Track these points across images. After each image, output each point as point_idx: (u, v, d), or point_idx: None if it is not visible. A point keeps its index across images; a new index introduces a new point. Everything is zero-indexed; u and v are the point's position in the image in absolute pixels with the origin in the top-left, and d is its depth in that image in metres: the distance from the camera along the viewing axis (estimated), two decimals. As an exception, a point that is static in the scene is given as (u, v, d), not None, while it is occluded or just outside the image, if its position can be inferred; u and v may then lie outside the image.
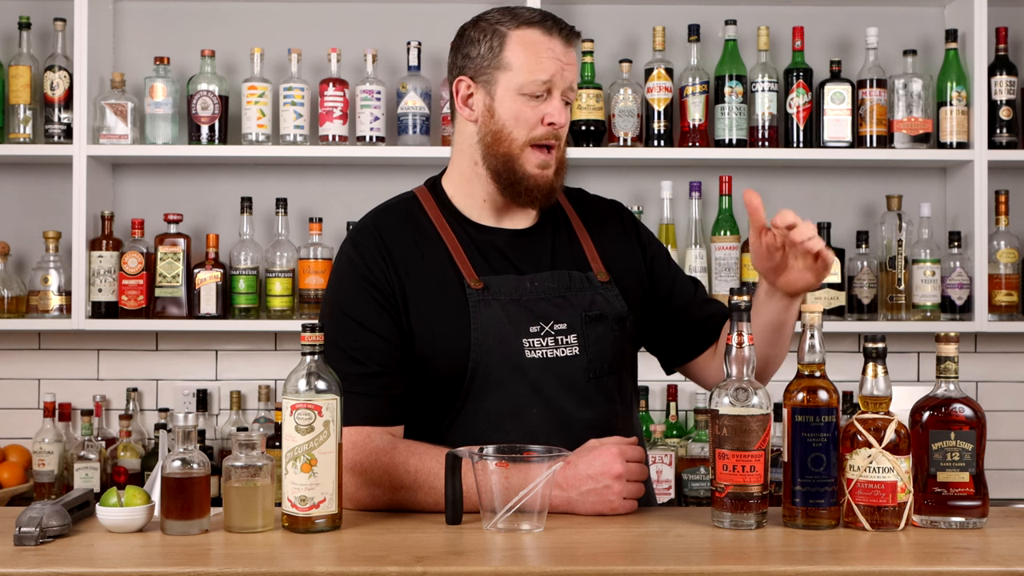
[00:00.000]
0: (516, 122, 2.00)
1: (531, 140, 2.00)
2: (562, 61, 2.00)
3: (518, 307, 2.00)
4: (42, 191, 3.52)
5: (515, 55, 2.00)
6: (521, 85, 1.99)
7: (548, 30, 2.01)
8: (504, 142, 2.01)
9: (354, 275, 2.02)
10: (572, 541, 1.71)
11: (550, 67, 1.99)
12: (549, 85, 1.99)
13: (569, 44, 2.03)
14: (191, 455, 1.75)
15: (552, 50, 2.00)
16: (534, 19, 2.01)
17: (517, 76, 1.99)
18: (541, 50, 1.99)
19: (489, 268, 2.03)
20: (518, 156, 2.00)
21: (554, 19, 2.03)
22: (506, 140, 2.01)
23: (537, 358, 1.98)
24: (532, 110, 2.00)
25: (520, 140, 2.00)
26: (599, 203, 2.23)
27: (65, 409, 3.43)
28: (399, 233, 2.05)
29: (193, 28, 3.54)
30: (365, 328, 1.98)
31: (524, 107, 2.00)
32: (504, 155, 2.01)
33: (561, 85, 2.00)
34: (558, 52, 2.00)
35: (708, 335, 2.15)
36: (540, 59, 1.99)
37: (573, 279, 2.06)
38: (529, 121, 2.00)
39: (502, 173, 2.02)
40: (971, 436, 1.80)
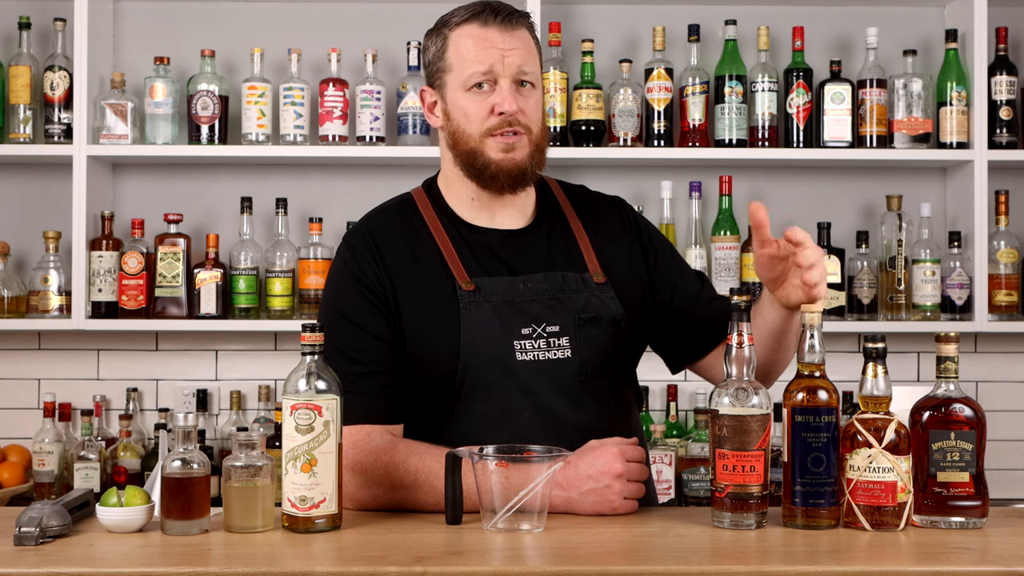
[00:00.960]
0: (467, 119, 2.01)
1: (486, 132, 2.00)
2: (501, 48, 1.99)
3: (510, 309, 2.00)
4: (42, 191, 3.52)
5: (454, 54, 2.02)
6: (463, 81, 2.01)
7: (483, 22, 2.01)
8: (462, 140, 2.02)
9: (349, 277, 2.03)
10: (572, 541, 1.71)
11: (487, 57, 1.99)
12: (491, 75, 1.99)
13: (509, 29, 2.01)
14: (191, 455, 1.75)
15: (487, 40, 2.00)
16: (469, 14, 2.02)
17: (459, 74, 2.01)
18: (477, 42, 2.00)
19: (481, 269, 2.03)
20: (479, 149, 2.01)
21: (492, 8, 2.02)
22: (463, 137, 2.02)
23: (528, 360, 1.98)
24: (479, 104, 2.00)
25: (476, 135, 2.01)
26: (600, 200, 2.22)
27: (65, 409, 3.43)
28: (392, 235, 2.05)
29: (193, 28, 3.54)
30: (361, 329, 1.98)
31: (470, 103, 2.01)
32: (467, 151, 2.02)
33: (507, 72, 1.99)
34: (495, 40, 2.00)
35: (715, 335, 2.12)
36: (476, 51, 2.00)
37: (567, 280, 2.05)
38: (479, 115, 2.00)
39: (471, 167, 2.03)
40: (971, 436, 1.80)
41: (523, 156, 2.01)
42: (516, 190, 2.04)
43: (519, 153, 2.01)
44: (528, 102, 2.01)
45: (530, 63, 2.03)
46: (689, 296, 2.15)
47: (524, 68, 2.01)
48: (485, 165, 2.01)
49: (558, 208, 2.14)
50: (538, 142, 2.04)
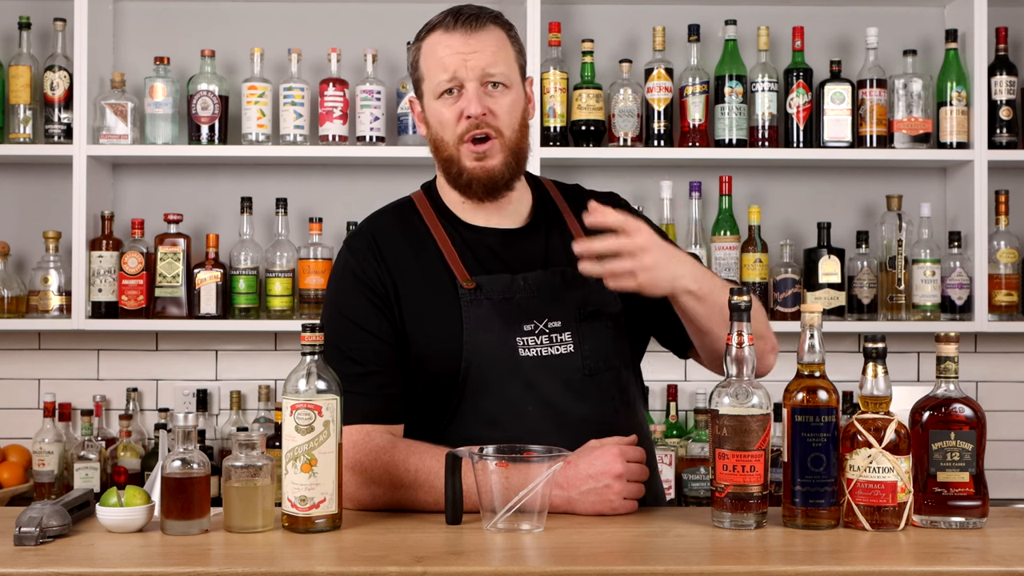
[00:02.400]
0: (441, 126, 2.02)
1: (459, 137, 2.01)
2: (463, 52, 1.99)
3: (511, 306, 2.00)
4: (42, 191, 3.52)
5: (424, 64, 2.04)
6: (433, 89, 2.02)
7: (447, 28, 2.02)
8: (441, 147, 2.04)
9: (350, 278, 2.04)
10: (572, 541, 1.71)
11: (450, 63, 1.99)
12: (456, 81, 1.99)
13: (472, 31, 2.01)
14: (191, 455, 1.75)
15: (450, 46, 2.00)
16: (435, 23, 2.04)
17: (430, 83, 2.03)
18: (439, 50, 2.01)
19: (481, 268, 2.03)
20: (456, 156, 2.02)
21: (455, 13, 2.02)
22: (441, 145, 2.04)
23: (531, 356, 1.99)
24: (449, 110, 2.01)
25: (451, 141, 2.02)
26: (594, 197, 2.22)
27: (65, 409, 3.43)
28: (392, 235, 2.06)
29: (193, 28, 3.54)
30: (362, 329, 1.99)
31: (442, 109, 2.01)
32: (445, 158, 2.04)
33: (471, 75, 1.99)
34: (457, 46, 2.00)
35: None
36: (439, 59, 2.01)
37: (566, 276, 2.05)
38: (450, 120, 2.01)
39: (448, 174, 2.05)
40: (971, 436, 1.80)
41: (496, 163, 2.01)
42: (493, 197, 2.05)
43: (491, 161, 2.01)
44: (499, 103, 2.00)
45: (499, 63, 2.01)
46: None
47: (490, 69, 2.00)
48: (459, 173, 2.03)
49: (554, 207, 2.15)
50: (514, 145, 2.03)
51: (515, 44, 2.07)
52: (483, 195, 2.03)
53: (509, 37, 2.06)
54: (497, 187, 2.03)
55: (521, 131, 2.05)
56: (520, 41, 2.10)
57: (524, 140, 2.05)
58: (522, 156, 2.05)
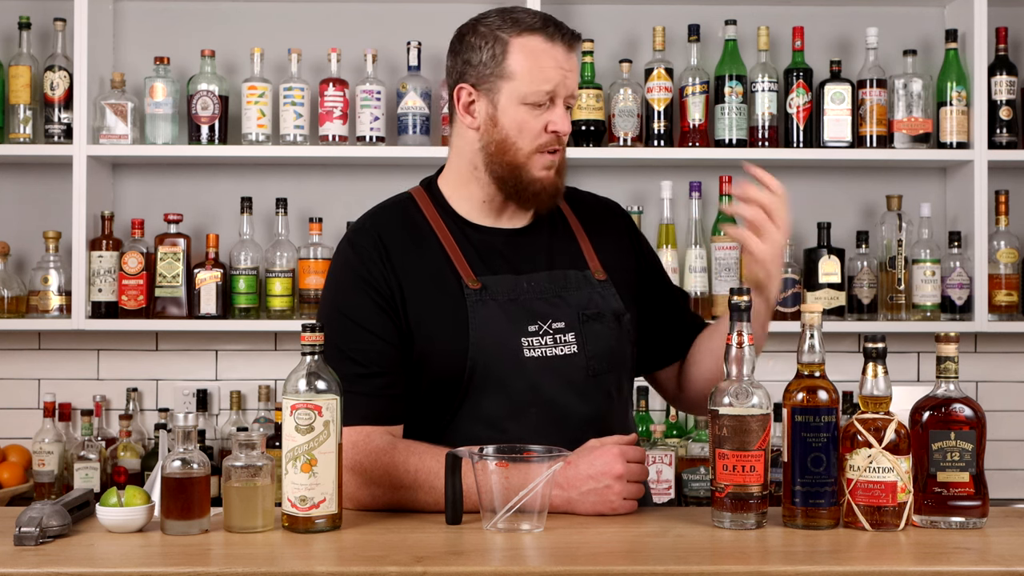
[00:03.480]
0: (520, 132, 1.99)
1: (536, 148, 2.00)
2: (564, 69, 1.99)
3: (516, 306, 2.00)
4: (42, 191, 3.51)
5: (518, 64, 1.98)
6: (525, 95, 1.98)
7: (550, 36, 1.99)
8: (510, 151, 2.00)
9: (352, 276, 2.02)
10: (572, 541, 1.71)
11: (553, 76, 1.98)
12: (552, 94, 1.99)
13: (571, 49, 2.01)
14: (191, 455, 1.75)
15: (555, 58, 1.98)
16: (536, 25, 1.99)
17: (521, 86, 1.98)
18: (544, 59, 1.98)
19: (486, 268, 2.03)
20: (524, 164, 2.01)
21: (555, 24, 2.01)
22: (511, 149, 2.00)
23: (536, 357, 1.99)
24: (536, 119, 1.99)
25: (526, 149, 2.00)
26: (595, 201, 2.23)
27: (65, 409, 3.43)
28: (397, 233, 2.05)
29: (193, 28, 3.54)
30: (364, 329, 1.98)
31: (528, 116, 1.99)
32: (510, 164, 2.01)
33: (564, 93, 2.00)
34: (560, 60, 1.99)
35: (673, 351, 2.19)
36: (543, 68, 1.98)
37: (570, 278, 2.06)
38: (533, 130, 1.99)
39: (507, 180, 2.02)
40: (971, 436, 1.80)
41: (558, 177, 2.05)
42: (548, 207, 2.07)
43: (556, 174, 2.04)
44: (568, 123, 2.03)
45: (577, 86, 2.05)
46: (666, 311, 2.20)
47: (576, 92, 2.03)
48: (529, 181, 2.01)
49: (557, 208, 2.14)
50: (563, 160, 2.06)
51: None
52: (545, 203, 2.05)
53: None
54: (558, 197, 2.07)
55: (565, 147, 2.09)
56: None
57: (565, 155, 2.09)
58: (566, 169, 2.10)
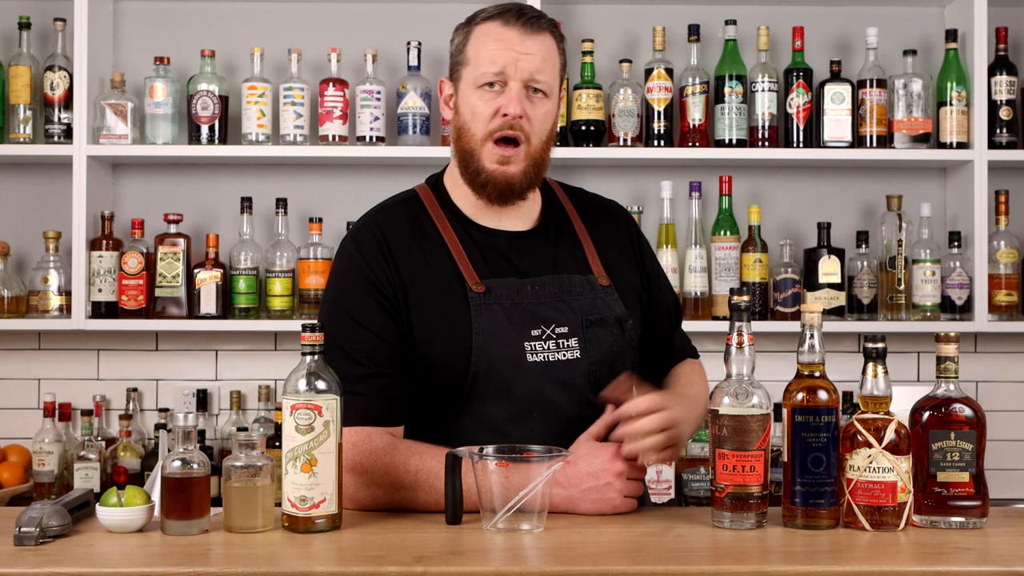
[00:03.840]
0: (473, 116, 1.99)
1: (489, 133, 1.98)
2: (517, 51, 1.97)
3: (519, 310, 2.00)
4: (42, 191, 3.51)
5: (473, 49, 2.00)
6: (476, 77, 1.99)
7: (505, 21, 1.99)
8: (465, 137, 2.01)
9: (356, 275, 2.01)
10: (572, 541, 1.71)
11: (501, 57, 1.97)
12: (503, 76, 1.97)
13: (529, 33, 1.99)
14: (191, 455, 1.75)
15: (505, 40, 1.98)
16: (495, 12, 2.01)
17: (473, 70, 2.00)
18: (492, 41, 1.98)
19: (490, 271, 2.02)
20: (478, 151, 2.00)
21: (517, 11, 2.00)
22: (467, 135, 2.01)
23: (539, 361, 1.98)
24: (487, 103, 1.98)
25: (478, 134, 1.99)
26: (600, 203, 2.22)
27: (65, 409, 3.43)
28: (401, 233, 2.04)
29: (193, 28, 3.54)
30: (366, 329, 1.97)
31: (479, 100, 1.99)
32: (467, 151, 2.01)
33: (519, 75, 1.97)
34: (512, 42, 1.98)
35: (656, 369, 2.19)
36: (492, 49, 1.98)
37: (573, 283, 2.05)
38: (484, 114, 1.98)
39: (468, 168, 2.02)
40: (971, 436, 1.80)
41: (516, 171, 2.00)
42: (504, 203, 2.03)
43: (513, 167, 2.00)
44: (536, 110, 1.99)
45: (546, 71, 2.00)
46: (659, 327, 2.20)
47: (537, 75, 1.99)
48: (477, 171, 2.01)
49: (563, 211, 2.14)
50: (537, 155, 2.02)
51: (562, 56, 2.06)
52: (496, 199, 2.02)
53: (558, 48, 2.05)
54: (512, 194, 2.02)
55: (547, 142, 2.04)
56: (565, 53, 2.08)
57: (548, 151, 2.05)
58: (543, 166, 2.05)
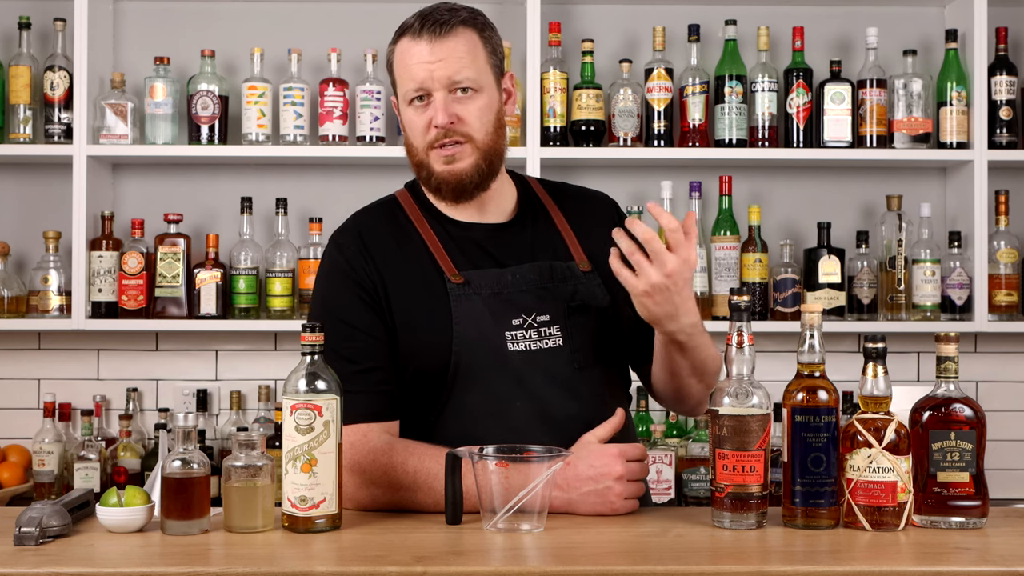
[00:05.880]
0: (412, 131, 2.03)
1: (428, 144, 2.01)
2: (429, 62, 1.98)
3: (499, 300, 2.00)
4: (42, 191, 3.51)
5: (396, 69, 2.04)
6: (403, 96, 2.03)
7: (414, 35, 2.00)
8: (412, 151, 2.05)
9: (338, 276, 2.04)
10: (572, 541, 1.71)
11: (416, 73, 1.99)
12: (423, 90, 1.99)
13: (437, 39, 1.98)
14: (191, 455, 1.75)
15: (417, 55, 1.99)
16: (404, 30, 2.02)
17: (400, 89, 2.04)
18: (407, 59, 2.00)
19: (469, 262, 2.03)
20: (424, 161, 2.03)
21: (422, 20, 2.00)
22: (412, 149, 2.05)
23: (520, 351, 1.99)
24: (419, 117, 2.01)
25: (420, 147, 2.02)
26: (581, 192, 2.22)
27: (65, 409, 3.43)
28: (378, 232, 2.07)
29: (193, 28, 3.54)
30: (354, 327, 1.99)
31: (414, 116, 2.02)
32: (416, 163, 2.05)
33: (437, 85, 1.98)
34: (423, 55, 1.98)
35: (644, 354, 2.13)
36: (407, 67, 2.00)
37: (555, 270, 2.05)
38: (420, 128, 2.01)
39: (421, 176, 2.06)
40: (971, 436, 1.80)
41: (465, 166, 2.01)
42: (460, 199, 2.05)
43: (460, 164, 2.00)
44: (468, 108, 2.00)
45: (466, 68, 1.99)
46: None
47: (456, 76, 1.98)
48: (429, 176, 2.03)
49: (539, 202, 2.15)
50: (485, 148, 2.02)
51: (488, 44, 2.03)
52: (452, 197, 2.04)
53: (481, 38, 2.02)
54: (466, 190, 2.03)
55: (496, 132, 2.03)
56: (495, 39, 2.06)
57: (499, 140, 2.04)
58: (496, 157, 2.04)
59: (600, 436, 1.94)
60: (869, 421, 1.77)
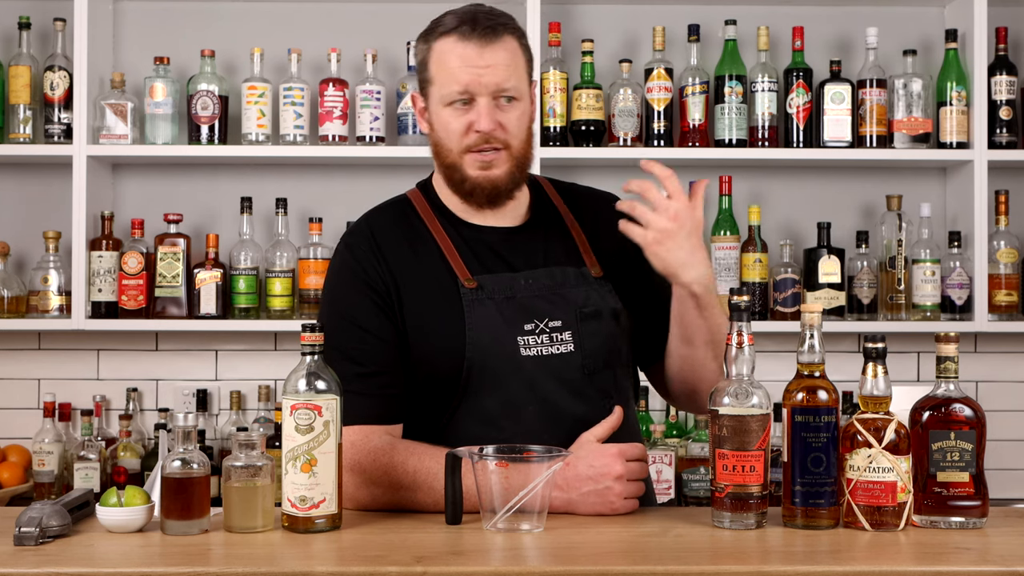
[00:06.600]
0: (447, 133, 2.00)
1: (464, 148, 1.99)
2: (478, 66, 1.96)
3: (512, 305, 2.00)
4: (42, 191, 3.51)
5: (435, 68, 2.00)
6: (443, 97, 1.99)
7: (462, 36, 1.97)
8: (443, 152, 2.02)
9: (349, 276, 2.02)
10: (572, 541, 1.71)
11: (463, 77, 1.97)
12: (468, 94, 1.97)
13: (488, 43, 1.97)
14: (191, 455, 1.75)
15: (464, 58, 1.97)
16: (450, 27, 1.99)
17: (440, 88, 2.00)
18: (452, 59, 1.97)
19: (482, 267, 2.03)
20: (457, 163, 2.01)
21: (472, 22, 1.98)
22: (444, 151, 2.02)
23: (532, 355, 1.98)
24: (458, 120, 1.98)
25: (455, 150, 2.00)
26: (593, 195, 2.22)
27: (65, 409, 3.43)
28: (392, 233, 2.05)
29: (193, 28, 3.54)
30: (362, 329, 1.98)
31: (451, 118, 1.99)
32: (446, 164, 2.03)
33: (484, 90, 1.97)
34: (472, 59, 1.96)
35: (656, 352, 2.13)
36: (452, 69, 1.97)
37: (567, 275, 2.05)
38: (458, 131, 1.99)
39: (450, 179, 2.04)
40: (971, 436, 1.80)
41: (500, 173, 2.00)
42: (493, 205, 2.04)
43: (496, 170, 2.00)
44: (509, 116, 1.99)
45: (512, 77, 1.99)
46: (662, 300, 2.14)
47: (504, 84, 1.98)
48: (462, 180, 2.01)
49: (552, 206, 2.14)
50: (519, 155, 2.02)
51: (526, 52, 2.05)
52: (485, 203, 2.03)
53: (521, 45, 2.03)
54: (500, 196, 2.03)
55: (527, 140, 2.04)
56: (530, 46, 2.07)
57: (530, 148, 2.05)
58: (526, 164, 2.05)
59: (598, 435, 1.94)
60: (869, 421, 1.77)
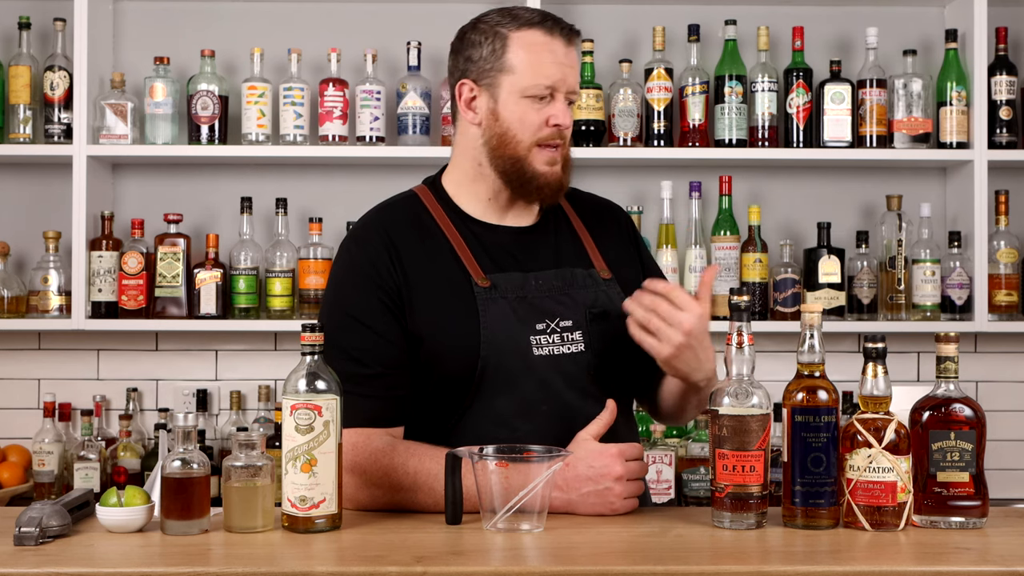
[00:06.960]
0: (521, 125, 2.00)
1: (537, 141, 2.01)
2: (564, 63, 2.00)
3: (524, 304, 2.00)
4: (42, 191, 3.51)
5: (517, 57, 2.00)
6: (525, 88, 1.99)
7: (549, 30, 2.00)
8: (510, 144, 2.01)
9: (358, 274, 2.01)
10: (572, 541, 1.71)
11: (553, 71, 1.99)
12: (553, 88, 1.99)
13: (570, 44, 2.02)
14: (191, 455, 1.75)
15: (554, 52, 2.00)
16: (534, 20, 2.01)
17: (521, 79, 1.99)
18: (543, 52, 1.99)
19: (495, 266, 2.03)
20: (525, 157, 2.01)
21: (554, 19, 2.02)
22: (512, 142, 2.01)
23: (544, 355, 1.99)
24: (536, 112, 2.00)
25: (526, 142, 2.00)
26: (597, 202, 2.24)
27: (65, 409, 3.43)
28: (404, 230, 2.04)
29: (193, 28, 3.54)
30: (368, 328, 1.97)
31: (528, 110, 2.00)
32: (511, 157, 2.01)
33: (564, 88, 2.00)
34: (559, 54, 2.00)
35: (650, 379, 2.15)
36: (542, 62, 1.99)
37: (576, 276, 2.06)
38: (534, 123, 2.00)
39: (511, 173, 2.03)
40: (971, 436, 1.80)
41: (562, 171, 2.05)
42: (552, 201, 2.08)
43: (559, 167, 2.04)
44: (569, 116, 2.05)
45: (578, 82, 2.06)
46: None
47: (576, 87, 2.04)
48: (532, 176, 2.02)
49: (559, 208, 2.15)
50: (567, 155, 2.07)
51: None
52: (549, 197, 2.06)
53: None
54: (561, 192, 2.07)
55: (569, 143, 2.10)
56: None
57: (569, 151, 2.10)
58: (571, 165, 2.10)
59: (594, 432, 1.93)
60: (869, 421, 1.77)
